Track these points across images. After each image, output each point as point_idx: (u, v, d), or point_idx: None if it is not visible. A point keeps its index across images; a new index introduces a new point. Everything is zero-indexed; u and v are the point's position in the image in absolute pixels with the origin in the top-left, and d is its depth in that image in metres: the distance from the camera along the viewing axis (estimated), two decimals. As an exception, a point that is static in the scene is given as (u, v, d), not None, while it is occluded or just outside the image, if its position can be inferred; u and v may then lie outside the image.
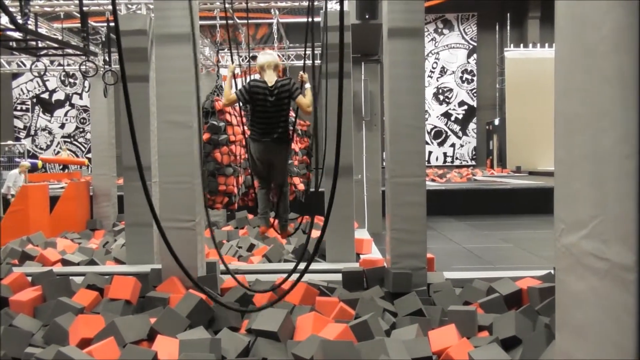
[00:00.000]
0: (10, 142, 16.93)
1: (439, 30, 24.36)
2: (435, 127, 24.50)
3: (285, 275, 4.91)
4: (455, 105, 24.69)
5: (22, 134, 24.04)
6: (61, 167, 22.32)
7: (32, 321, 4.07)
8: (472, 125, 24.65)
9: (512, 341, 3.29)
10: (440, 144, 24.69)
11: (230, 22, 8.95)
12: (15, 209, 7.78)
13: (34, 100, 24.13)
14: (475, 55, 24.40)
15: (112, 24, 6.68)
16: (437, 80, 24.48)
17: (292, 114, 6.81)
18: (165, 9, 4.61)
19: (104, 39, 6.89)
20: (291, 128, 5.10)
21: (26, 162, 10.62)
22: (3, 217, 7.94)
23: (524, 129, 20.85)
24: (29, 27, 3.56)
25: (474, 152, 24.65)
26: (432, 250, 7.09)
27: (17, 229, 7.60)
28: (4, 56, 11.15)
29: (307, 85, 4.51)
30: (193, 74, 4.67)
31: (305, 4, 6.67)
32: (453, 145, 24.71)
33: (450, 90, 24.61)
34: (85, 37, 4.24)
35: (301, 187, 7.73)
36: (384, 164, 5.14)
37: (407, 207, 4.65)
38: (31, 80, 23.39)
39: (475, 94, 24.51)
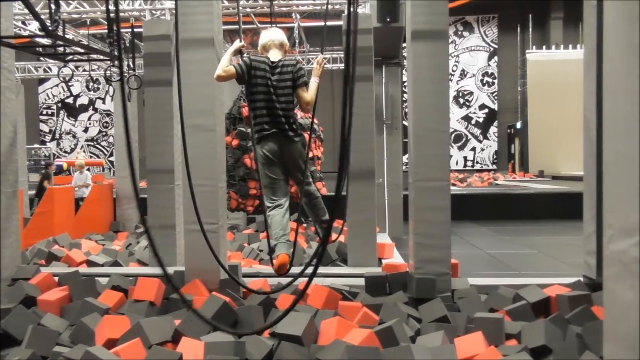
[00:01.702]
0: (36, 145, 17.32)
1: (459, 32, 24.18)
2: (456, 130, 24.28)
3: (302, 278, 4.95)
4: (475, 109, 24.45)
5: (48, 138, 24.52)
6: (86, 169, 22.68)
7: (59, 320, 4.12)
8: (493, 129, 24.38)
9: (542, 350, 3.22)
10: (461, 148, 24.47)
11: (252, 26, 9.05)
12: (42, 211, 7.94)
13: (59, 104, 24.59)
14: (496, 58, 24.14)
15: (136, 29, 6.79)
16: (457, 84, 24.28)
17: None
18: (188, 14, 4.65)
19: (128, 44, 7.00)
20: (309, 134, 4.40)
21: (80, 158, 11.09)
22: (30, 219, 8.11)
23: (546, 132, 20.54)
24: (58, 33, 3.61)
25: (495, 156, 24.36)
26: (455, 255, 7.00)
27: (44, 230, 7.74)
28: (31, 62, 11.41)
29: (315, 80, 3.65)
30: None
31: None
32: (474, 149, 24.46)
33: (471, 93, 24.39)
34: (111, 43, 4.29)
35: (324, 191, 7.74)
36: (405, 167, 5.10)
37: (430, 212, 4.60)
38: (56, 85, 23.89)
39: (496, 97, 24.24)
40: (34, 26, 6.87)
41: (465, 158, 24.38)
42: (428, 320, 3.93)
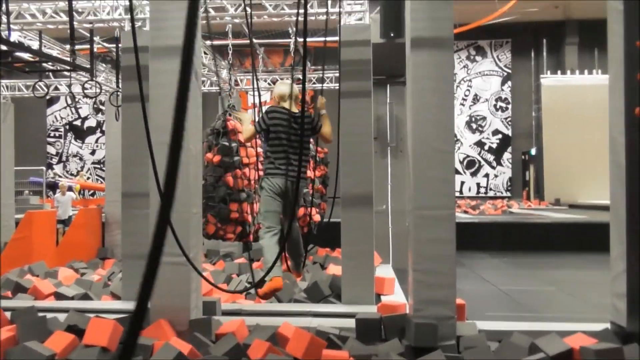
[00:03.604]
0: (41, 167, 16.98)
1: (472, 57, 23.72)
2: (468, 156, 23.61)
3: (288, 319, 4.33)
4: (489, 134, 23.80)
5: (55, 160, 24.30)
6: (91, 193, 22.36)
7: (-5, 369, 3.54)
8: (506, 155, 23.67)
9: None
10: (474, 174, 23.75)
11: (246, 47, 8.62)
12: (19, 236, 7.41)
13: (67, 127, 24.44)
14: (509, 83, 23.60)
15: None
16: (470, 109, 23.71)
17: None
18: (160, 20, 4.17)
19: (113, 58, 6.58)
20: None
21: (64, 182, 10.90)
22: (7, 245, 7.59)
23: (562, 159, 19.81)
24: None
25: (509, 183, 23.59)
26: (463, 292, 6.32)
27: (20, 257, 7.20)
28: (30, 81, 11.05)
29: (323, 112, 4.06)
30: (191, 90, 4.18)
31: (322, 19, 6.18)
32: (487, 175, 23.73)
33: (484, 118, 23.78)
34: (72, 51, 3.81)
35: (317, 218, 7.12)
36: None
37: (432, 244, 3.98)
38: (65, 107, 23.75)
39: (510, 123, 23.60)
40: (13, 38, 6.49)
41: (478, 184, 23.63)
42: (427, 377, 3.27)
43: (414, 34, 4.06)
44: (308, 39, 2.51)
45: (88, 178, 22.52)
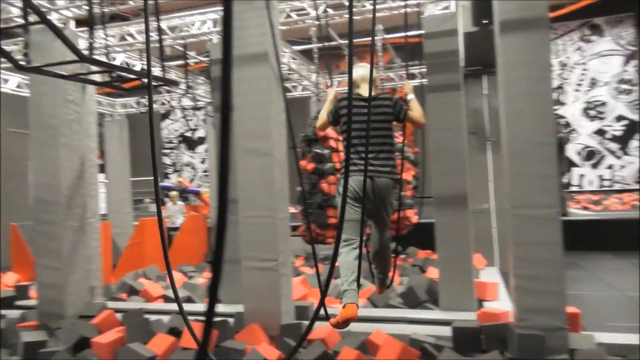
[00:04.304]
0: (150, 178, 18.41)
1: (586, 37, 21.73)
2: (587, 146, 21.63)
3: (382, 325, 4.16)
4: (611, 121, 21.65)
5: (170, 170, 26.20)
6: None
7: (103, 369, 3.79)
8: (634, 143, 21.35)
9: None
10: (595, 166, 21.70)
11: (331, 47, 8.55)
12: (134, 242, 8.01)
13: (180, 138, 26.24)
14: (633, 62, 21.27)
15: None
16: (587, 94, 21.73)
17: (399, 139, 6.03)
18: (241, 28, 4.21)
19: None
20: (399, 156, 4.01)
21: (174, 192, 11.80)
22: (123, 251, 8.22)
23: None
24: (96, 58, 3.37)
25: (639, 174, 21.24)
26: (580, 298, 5.70)
27: (135, 262, 7.77)
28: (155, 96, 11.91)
29: (411, 96, 3.46)
30: (271, 96, 4.19)
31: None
32: (611, 166, 21.56)
33: (604, 104, 21.66)
34: (163, 67, 3.99)
35: (415, 219, 6.86)
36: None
37: (535, 247, 3.60)
38: (177, 120, 25.55)
39: (636, 107, 21.26)
40: (118, 60, 7.03)
41: (600, 177, 21.55)
42: (530, 396, 2.95)
43: (502, 16, 3.72)
44: (394, 35, 2.32)
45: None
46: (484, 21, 6.30)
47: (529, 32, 3.62)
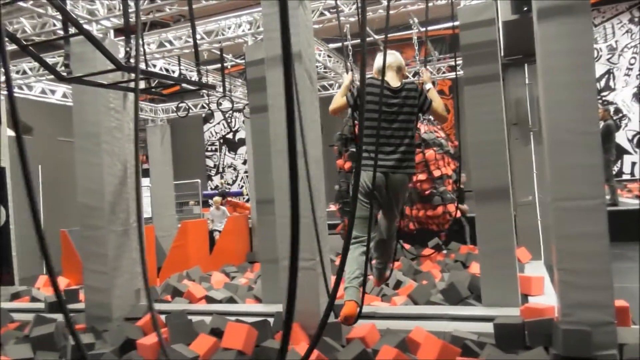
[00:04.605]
0: (197, 180, 18.86)
1: (636, 19, 20.76)
2: (639, 132, 20.70)
3: (423, 322, 4.11)
4: (663, 105, 20.61)
5: (213, 172, 26.70)
6: (246, 200, 24.15)
7: (149, 369, 3.90)
8: (688, 128, 20.27)
9: None
10: (647, 153, 20.74)
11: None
12: (177, 244, 8.21)
13: (221, 140, 26.69)
14: (686, 43, 20.17)
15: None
16: (637, 78, 20.76)
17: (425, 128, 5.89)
18: (272, 30, 4.24)
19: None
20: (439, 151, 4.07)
21: (217, 197, 12.04)
22: (168, 253, 8.44)
23: None
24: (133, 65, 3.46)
25: (694, 160, 20.17)
26: (630, 291, 5.47)
27: (179, 264, 7.96)
28: (190, 100, 12.16)
29: (429, 85, 3.39)
30: (304, 96, 4.19)
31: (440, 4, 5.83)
32: (664, 153, 20.55)
33: (656, 88, 20.65)
34: (199, 71, 4.07)
35: (458, 214, 6.74)
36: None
37: (579, 240, 3.47)
38: (218, 123, 26.00)
39: (690, 89, 20.17)
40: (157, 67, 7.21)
41: (653, 164, 20.58)
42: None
43: (540, 3, 3.60)
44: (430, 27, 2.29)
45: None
46: (524, 8, 6.12)
47: (569, 18, 3.48)
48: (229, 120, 25.26)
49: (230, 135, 26.32)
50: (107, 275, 4.94)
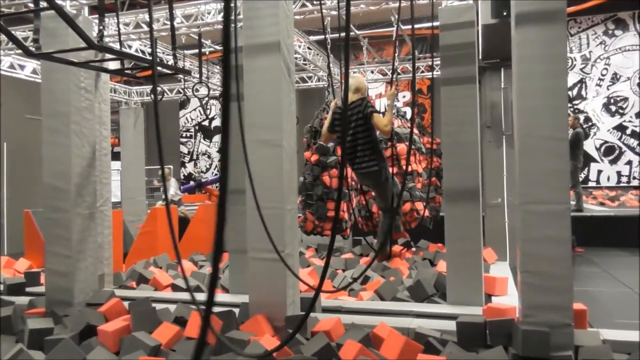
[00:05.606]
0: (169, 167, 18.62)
1: (610, 31, 21.27)
2: (606, 142, 21.25)
3: (388, 318, 4.14)
4: (631, 116, 21.21)
5: (187, 159, 26.36)
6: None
7: (109, 355, 3.83)
8: (654, 139, 20.90)
9: None
10: (613, 162, 21.33)
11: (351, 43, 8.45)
12: (145, 230, 8.08)
13: (196, 127, 26.35)
14: (657, 57, 20.75)
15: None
16: (608, 89, 21.30)
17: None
18: (253, 18, 4.19)
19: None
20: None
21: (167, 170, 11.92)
22: (135, 239, 8.30)
23: None
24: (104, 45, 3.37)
25: (658, 171, 20.83)
26: (591, 294, 5.64)
27: (147, 250, 7.84)
28: (167, 85, 11.94)
29: (388, 102, 4.07)
30: (281, 86, 4.16)
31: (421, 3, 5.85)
32: (629, 162, 21.16)
33: (625, 99, 21.23)
34: (175, 55, 3.99)
35: (426, 213, 6.80)
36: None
37: (543, 244, 3.55)
38: (194, 109, 25.66)
39: (658, 103, 20.80)
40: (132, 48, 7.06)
41: (619, 173, 21.17)
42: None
43: (518, 8, 3.64)
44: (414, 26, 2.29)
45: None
46: (504, 13, 6.19)
47: (545, 25, 3.54)
48: (206, 107, 24.96)
49: (206, 123, 26.02)
50: (70, 259, 4.82)
